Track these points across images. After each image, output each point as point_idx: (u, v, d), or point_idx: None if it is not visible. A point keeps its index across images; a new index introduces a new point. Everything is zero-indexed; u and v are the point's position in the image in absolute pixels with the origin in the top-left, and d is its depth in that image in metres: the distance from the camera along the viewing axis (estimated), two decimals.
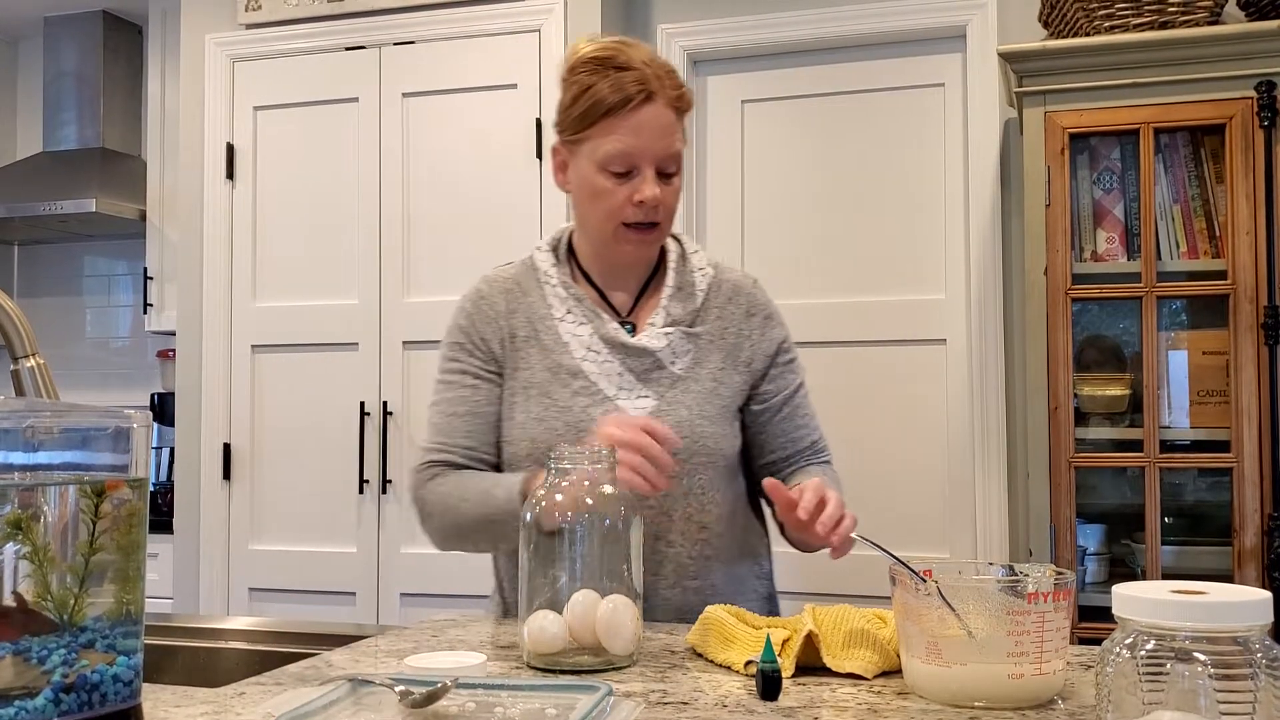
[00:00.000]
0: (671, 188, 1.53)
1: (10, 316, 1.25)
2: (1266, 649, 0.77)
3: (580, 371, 1.56)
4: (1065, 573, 1.08)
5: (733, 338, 1.62)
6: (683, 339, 1.58)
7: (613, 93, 1.48)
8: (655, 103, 1.49)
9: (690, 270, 1.64)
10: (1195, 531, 2.76)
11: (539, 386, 1.57)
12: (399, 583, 3.32)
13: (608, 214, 1.53)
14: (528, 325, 1.60)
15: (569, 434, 1.52)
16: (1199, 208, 2.66)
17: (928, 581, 1.08)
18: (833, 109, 3.36)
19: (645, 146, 1.49)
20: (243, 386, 3.49)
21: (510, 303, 1.62)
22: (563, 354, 1.57)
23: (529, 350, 1.59)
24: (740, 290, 1.66)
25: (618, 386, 1.55)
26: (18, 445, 0.88)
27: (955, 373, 3.22)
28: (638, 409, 1.53)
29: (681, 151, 1.54)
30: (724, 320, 1.63)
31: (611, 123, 1.48)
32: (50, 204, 4.00)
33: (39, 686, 0.85)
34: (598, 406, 1.54)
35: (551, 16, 3.26)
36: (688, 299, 1.61)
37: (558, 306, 1.59)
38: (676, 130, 1.52)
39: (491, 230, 3.28)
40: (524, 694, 1.06)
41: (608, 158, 1.50)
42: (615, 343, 1.56)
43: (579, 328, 1.58)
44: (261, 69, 3.52)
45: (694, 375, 1.58)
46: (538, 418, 1.55)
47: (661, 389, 1.56)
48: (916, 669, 1.09)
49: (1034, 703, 1.05)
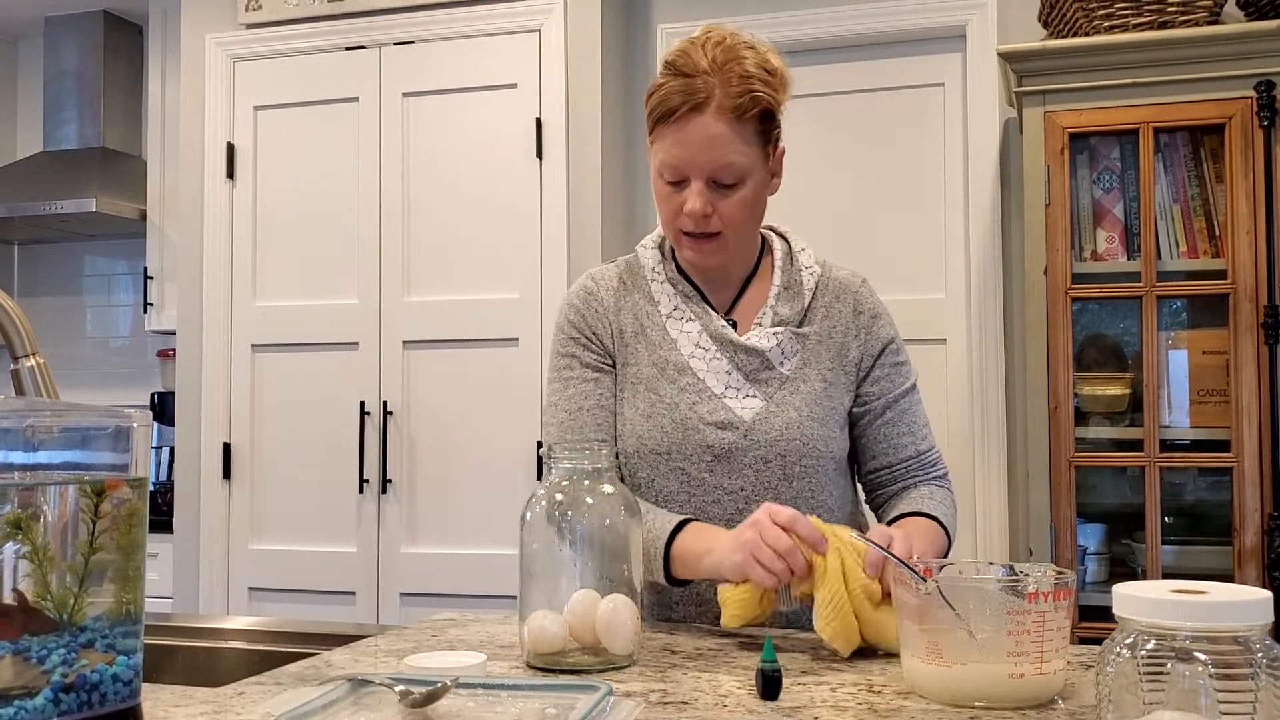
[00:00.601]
0: (731, 200, 1.47)
1: (10, 316, 1.25)
2: (1267, 648, 0.77)
3: (688, 368, 1.54)
4: (1065, 572, 1.08)
5: (840, 337, 1.58)
6: (791, 339, 1.55)
7: (663, 102, 1.45)
8: (704, 113, 1.43)
9: (798, 269, 1.60)
10: (1195, 531, 2.76)
11: (646, 383, 1.55)
12: (399, 582, 3.32)
13: (667, 220, 1.52)
14: (634, 321, 1.58)
15: (675, 431, 1.51)
16: (1199, 207, 2.66)
17: (928, 581, 1.08)
18: (832, 109, 3.36)
19: (691, 158, 1.45)
20: (243, 386, 3.49)
21: (617, 299, 1.60)
22: (670, 350, 1.55)
23: (636, 346, 1.57)
24: (848, 289, 1.61)
25: (725, 385, 1.53)
26: (18, 445, 0.88)
27: (955, 372, 3.22)
28: (745, 408, 1.51)
29: (738, 162, 1.45)
30: (831, 319, 1.58)
31: (665, 130, 1.46)
32: (50, 203, 4.00)
33: (39, 686, 0.85)
34: (705, 404, 1.52)
35: (551, 16, 3.26)
36: (795, 298, 1.58)
37: (664, 302, 1.58)
38: (730, 141, 1.44)
39: (492, 230, 3.28)
40: (524, 694, 1.06)
41: (662, 165, 1.48)
42: (724, 340, 1.54)
43: (686, 324, 1.56)
44: (262, 69, 3.52)
45: (802, 376, 1.54)
46: (645, 414, 1.53)
47: (770, 389, 1.53)
48: (917, 669, 1.09)
49: (1034, 702, 1.05)
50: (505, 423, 3.25)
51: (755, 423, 1.51)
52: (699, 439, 1.51)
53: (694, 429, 1.50)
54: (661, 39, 3.44)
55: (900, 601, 1.12)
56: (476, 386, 3.28)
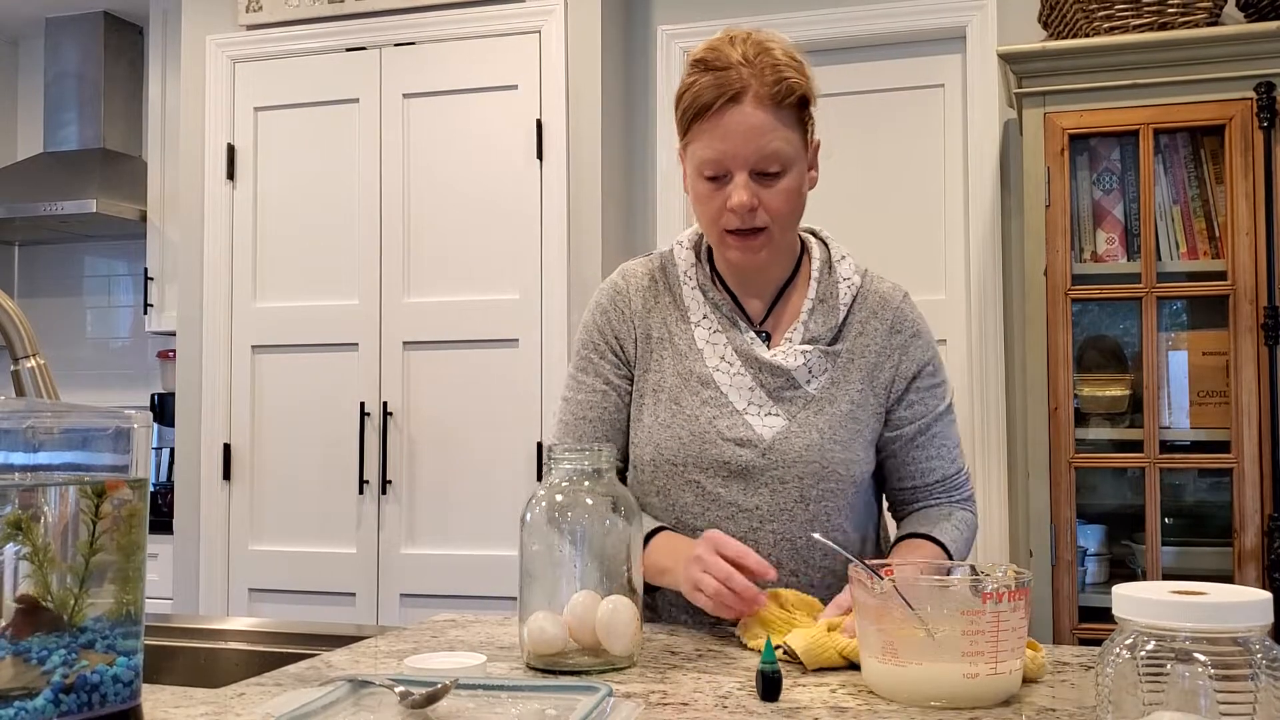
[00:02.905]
0: (776, 189, 1.44)
1: (11, 317, 1.25)
2: (1267, 649, 0.77)
3: (711, 381, 1.51)
4: (1024, 573, 1.08)
5: (874, 356, 1.53)
6: (821, 358, 1.51)
7: (698, 97, 1.43)
8: (742, 103, 1.41)
9: (835, 280, 1.56)
10: (1195, 532, 2.76)
11: (669, 391, 1.52)
12: (399, 583, 3.32)
13: (710, 221, 1.48)
14: (662, 326, 1.56)
15: (693, 443, 1.49)
16: (1199, 208, 2.66)
17: (884, 580, 1.08)
18: (833, 110, 3.35)
19: (734, 150, 1.41)
20: (243, 387, 3.49)
21: (646, 301, 1.57)
22: (695, 360, 1.52)
23: (662, 352, 1.54)
24: (887, 304, 1.57)
25: (748, 401, 1.49)
26: (18, 445, 0.88)
27: (955, 373, 3.21)
28: (766, 426, 1.48)
29: (782, 150, 1.43)
30: (866, 337, 1.54)
31: (701, 127, 1.43)
32: (51, 204, 4.01)
33: (39, 687, 0.85)
34: (725, 419, 1.49)
35: (552, 17, 3.26)
36: (830, 313, 1.53)
37: (695, 310, 1.54)
38: (773, 129, 1.42)
39: (492, 231, 3.28)
40: (524, 695, 1.06)
41: (701, 163, 1.44)
42: (750, 356, 1.50)
43: (714, 335, 1.52)
44: (262, 70, 3.52)
45: (829, 396, 1.50)
46: (664, 423, 1.51)
47: (794, 409, 1.49)
48: (873, 668, 1.09)
49: (991, 703, 1.05)
50: (505, 424, 3.25)
51: (775, 442, 1.48)
52: (716, 454, 1.49)
53: (712, 443, 1.48)
54: (662, 40, 3.44)
55: (858, 602, 1.12)
56: (476, 387, 3.28)
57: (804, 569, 1.50)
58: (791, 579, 1.49)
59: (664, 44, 3.43)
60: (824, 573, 1.51)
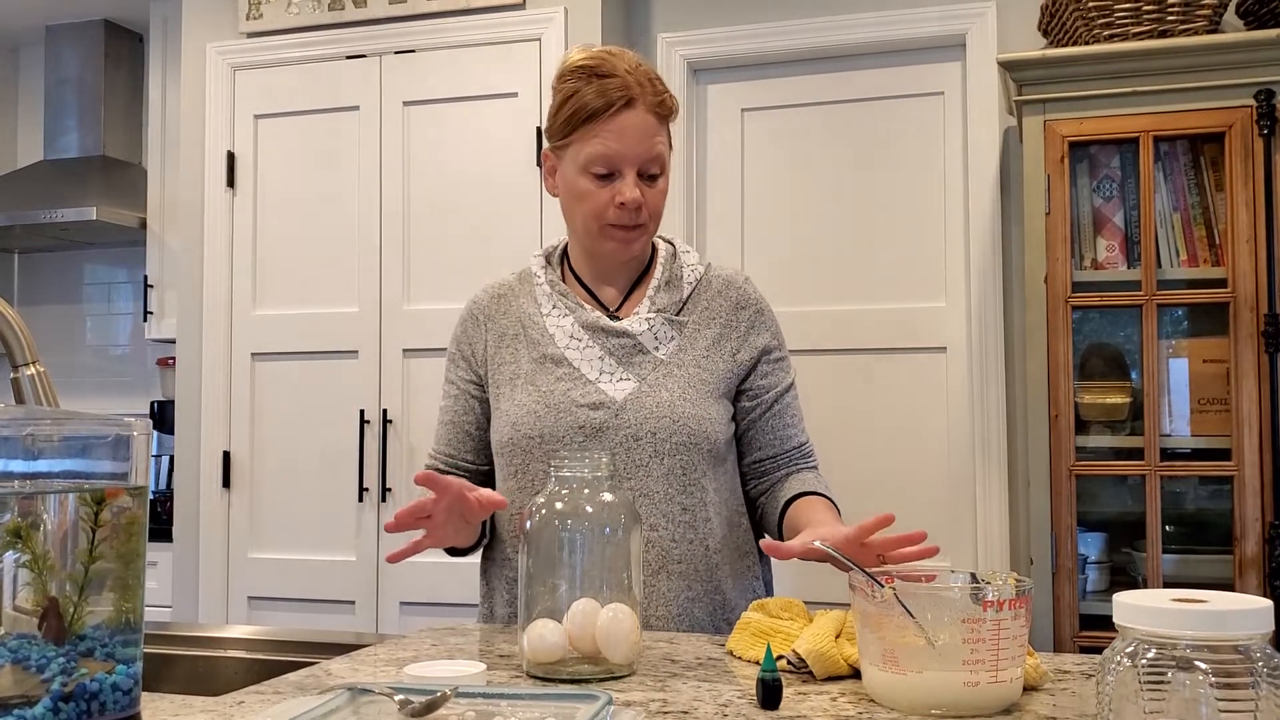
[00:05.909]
0: (655, 189, 1.58)
1: (10, 324, 1.25)
2: (1268, 657, 0.77)
3: (563, 359, 1.60)
4: (1025, 580, 1.08)
5: (719, 328, 1.64)
6: (665, 325, 1.61)
7: (595, 98, 1.53)
8: (636, 108, 1.54)
9: (680, 266, 1.68)
10: (1196, 540, 2.75)
11: (525, 376, 1.61)
12: (398, 591, 3.31)
13: (592, 214, 1.57)
14: (516, 324, 1.66)
15: (549, 415, 1.57)
16: (1199, 216, 2.66)
17: (885, 587, 1.08)
18: (832, 117, 3.37)
19: (627, 150, 1.53)
20: (242, 394, 3.49)
21: (501, 305, 1.69)
22: (548, 345, 1.62)
23: (517, 346, 1.65)
24: (731, 285, 1.69)
25: (599, 370, 1.59)
26: (18, 453, 0.88)
27: (956, 381, 3.22)
28: (617, 389, 1.57)
29: (664, 154, 1.58)
30: (711, 311, 1.65)
31: (594, 127, 1.54)
32: (51, 212, 4.01)
33: (38, 695, 0.85)
34: (579, 389, 1.58)
35: (552, 25, 3.27)
36: (674, 290, 1.65)
37: (545, 304, 1.65)
38: (658, 134, 1.56)
39: (492, 238, 3.28)
40: (524, 703, 1.06)
41: (590, 160, 1.55)
42: (595, 328, 1.60)
43: (563, 319, 1.62)
44: (262, 77, 3.53)
45: (677, 360, 1.60)
46: (520, 404, 1.59)
47: (644, 372, 1.59)
48: (874, 676, 1.09)
49: (992, 711, 1.05)
50: None
51: (627, 402, 1.56)
52: (571, 420, 1.56)
53: (566, 411, 1.56)
54: (662, 48, 3.44)
55: (858, 609, 1.12)
56: None
57: (664, 524, 1.55)
58: (651, 533, 1.55)
59: (664, 52, 3.44)
60: (683, 527, 1.56)
